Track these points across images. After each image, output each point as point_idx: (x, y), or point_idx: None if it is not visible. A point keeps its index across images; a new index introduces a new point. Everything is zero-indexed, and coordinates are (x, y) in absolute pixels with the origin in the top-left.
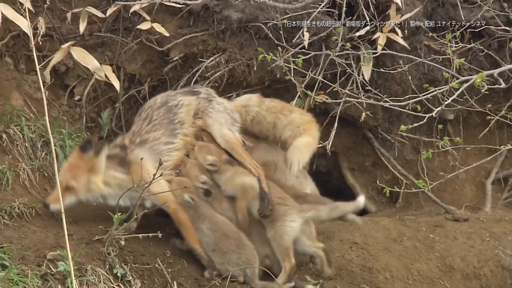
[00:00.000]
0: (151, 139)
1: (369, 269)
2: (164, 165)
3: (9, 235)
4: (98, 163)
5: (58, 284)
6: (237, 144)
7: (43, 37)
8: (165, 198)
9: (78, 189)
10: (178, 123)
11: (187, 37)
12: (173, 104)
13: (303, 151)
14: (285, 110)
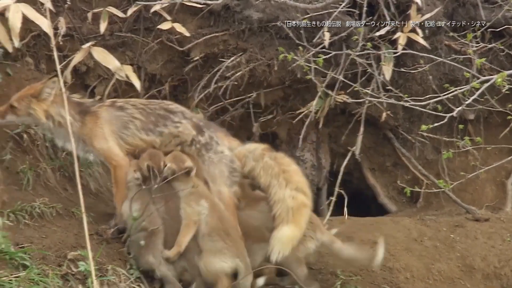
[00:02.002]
0: (129, 112)
1: (390, 269)
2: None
3: (30, 235)
4: (42, 91)
5: (78, 284)
6: (228, 206)
7: (64, 37)
8: (109, 154)
9: (18, 110)
10: (157, 131)
11: (207, 37)
12: (173, 119)
13: (286, 245)
14: (281, 176)
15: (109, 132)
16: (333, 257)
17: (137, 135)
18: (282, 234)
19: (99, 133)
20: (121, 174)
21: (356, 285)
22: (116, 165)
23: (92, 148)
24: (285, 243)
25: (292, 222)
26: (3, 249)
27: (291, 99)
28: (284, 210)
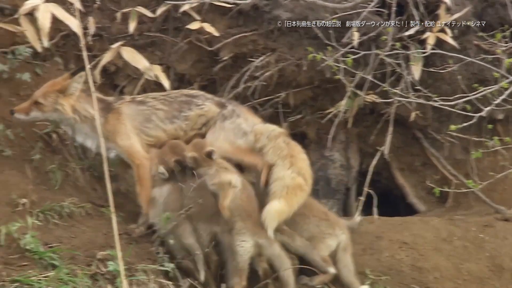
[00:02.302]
0: (150, 105)
1: (419, 269)
2: (145, 132)
3: (59, 235)
4: (70, 86)
5: (107, 284)
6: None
7: (93, 37)
8: (132, 152)
9: (45, 106)
10: (183, 116)
11: (236, 37)
12: (196, 102)
13: (273, 219)
14: (287, 159)
15: (131, 128)
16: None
17: (160, 126)
18: (271, 207)
19: (122, 129)
20: (144, 173)
21: (385, 285)
22: (139, 163)
23: (114, 145)
24: (272, 216)
25: (283, 198)
26: (32, 248)
27: (320, 99)
28: (280, 187)
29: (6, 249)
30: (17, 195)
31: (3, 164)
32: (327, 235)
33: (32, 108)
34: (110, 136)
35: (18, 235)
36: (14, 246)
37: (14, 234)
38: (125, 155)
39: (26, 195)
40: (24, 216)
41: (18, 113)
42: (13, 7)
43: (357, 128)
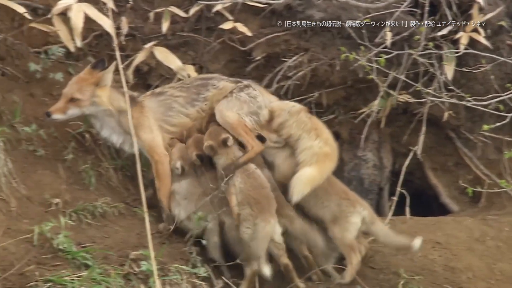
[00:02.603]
0: (168, 94)
1: (452, 268)
2: (168, 122)
3: (92, 235)
4: (104, 77)
5: (140, 284)
6: (237, 124)
7: (126, 36)
8: (153, 146)
9: (82, 101)
10: (202, 98)
11: (269, 36)
12: (212, 83)
13: (304, 185)
14: (313, 132)
15: (154, 122)
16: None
17: (182, 111)
18: (303, 174)
19: (145, 123)
20: (162, 169)
21: (419, 285)
22: (157, 159)
23: (137, 139)
24: (304, 184)
25: (314, 165)
26: (65, 248)
27: (353, 99)
28: (309, 155)
29: (39, 249)
30: (50, 195)
31: (36, 164)
32: (349, 213)
33: (69, 106)
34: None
35: (51, 235)
36: (47, 246)
37: (47, 234)
38: (146, 149)
39: (59, 195)
40: (57, 216)
41: (55, 114)
42: (46, 7)
43: (390, 128)
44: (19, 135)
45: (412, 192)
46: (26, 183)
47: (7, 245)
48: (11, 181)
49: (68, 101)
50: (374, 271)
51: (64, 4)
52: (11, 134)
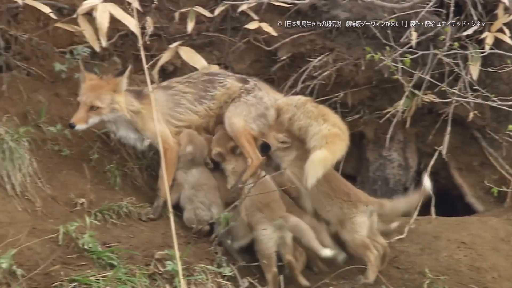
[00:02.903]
0: (177, 89)
1: (477, 268)
2: (176, 117)
3: (117, 235)
4: (121, 83)
5: (166, 284)
6: (242, 133)
7: (151, 36)
8: (163, 137)
9: (102, 109)
10: (210, 96)
11: (294, 36)
12: (219, 80)
13: (317, 167)
14: (320, 117)
15: (161, 115)
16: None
17: (191, 109)
18: (314, 156)
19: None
20: (171, 157)
21: (444, 285)
22: (167, 147)
23: (146, 131)
24: (316, 166)
25: (324, 147)
26: (90, 248)
27: (378, 99)
28: (319, 139)
29: (65, 249)
30: (75, 195)
31: (62, 164)
32: (353, 215)
33: (90, 115)
34: (142, 123)
35: (77, 234)
36: (72, 246)
37: (72, 234)
38: (157, 139)
39: (84, 194)
40: (82, 216)
41: (79, 124)
42: (71, 7)
43: (415, 128)
44: (45, 135)
45: (437, 192)
46: (51, 183)
47: (32, 245)
48: (36, 181)
49: (88, 110)
50: (399, 271)
51: (89, 4)
52: (36, 134)
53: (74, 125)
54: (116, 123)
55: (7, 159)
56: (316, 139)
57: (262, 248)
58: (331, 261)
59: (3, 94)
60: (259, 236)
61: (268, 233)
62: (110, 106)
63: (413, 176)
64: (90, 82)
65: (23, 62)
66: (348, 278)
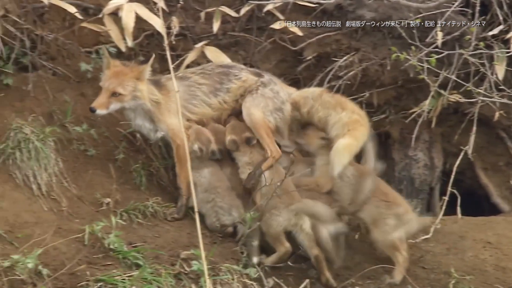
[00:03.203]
0: (192, 80)
1: (503, 268)
2: (190, 110)
3: (143, 234)
4: (145, 71)
5: (191, 283)
6: (261, 125)
7: (177, 36)
8: (177, 131)
9: (124, 96)
10: (225, 89)
11: (320, 36)
12: (234, 73)
13: (343, 154)
14: (338, 106)
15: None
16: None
17: (206, 101)
18: (338, 144)
19: (171, 107)
20: (184, 154)
21: (469, 284)
22: (180, 144)
23: (162, 123)
24: (342, 153)
25: (347, 134)
26: (116, 248)
27: (403, 99)
28: (340, 127)
29: (90, 249)
30: (101, 195)
31: (88, 164)
32: (386, 216)
33: (111, 101)
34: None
35: (102, 234)
36: (98, 246)
37: (98, 234)
38: (170, 133)
39: (110, 194)
40: (108, 216)
41: (100, 109)
42: (97, 6)
43: (440, 128)
44: (70, 134)
45: (463, 192)
46: (77, 183)
47: (58, 245)
48: (62, 181)
49: (110, 96)
50: (425, 271)
51: (115, 4)
52: (62, 134)
53: (94, 109)
54: (135, 111)
55: (33, 159)
56: (337, 127)
57: (269, 230)
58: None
59: (29, 94)
60: (270, 220)
61: (280, 219)
62: (132, 94)
63: (438, 176)
64: (114, 69)
65: (49, 62)
66: (374, 278)
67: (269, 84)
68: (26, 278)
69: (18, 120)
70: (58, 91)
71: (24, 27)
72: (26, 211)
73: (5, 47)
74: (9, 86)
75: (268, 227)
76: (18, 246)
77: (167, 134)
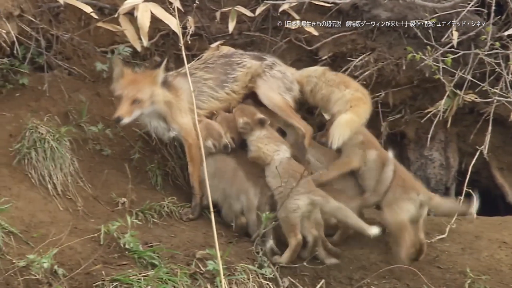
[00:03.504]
0: (198, 76)
1: None
2: (198, 105)
3: (159, 234)
4: (158, 76)
5: (207, 283)
6: (285, 105)
7: (192, 36)
8: (189, 130)
9: (144, 102)
10: (231, 78)
11: (335, 36)
12: (236, 61)
13: (344, 128)
14: (341, 84)
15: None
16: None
17: (213, 95)
18: (340, 119)
19: (182, 106)
20: (197, 153)
21: (485, 284)
22: (192, 143)
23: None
24: (343, 127)
25: (349, 110)
26: (132, 248)
27: (419, 99)
28: (343, 103)
29: (106, 248)
30: (117, 194)
31: (103, 164)
32: (402, 200)
33: (133, 108)
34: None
35: (118, 234)
36: (113, 245)
37: (113, 233)
38: (183, 132)
39: (125, 194)
40: (123, 216)
41: (126, 117)
42: (112, 6)
43: (456, 128)
44: (86, 134)
45: (479, 191)
46: (92, 183)
47: (74, 244)
48: (77, 180)
49: (131, 103)
50: (441, 271)
51: (130, 4)
52: (77, 134)
53: (121, 118)
54: (150, 115)
55: (48, 158)
56: (339, 104)
57: (287, 216)
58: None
59: (44, 93)
60: (289, 204)
61: (299, 203)
62: (150, 99)
63: (454, 175)
64: (128, 77)
65: (64, 62)
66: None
67: (274, 66)
68: (42, 277)
69: (33, 120)
70: (74, 91)
71: (40, 26)
72: (41, 210)
73: (21, 47)
74: (25, 86)
75: (286, 212)
76: (33, 246)
77: (180, 133)
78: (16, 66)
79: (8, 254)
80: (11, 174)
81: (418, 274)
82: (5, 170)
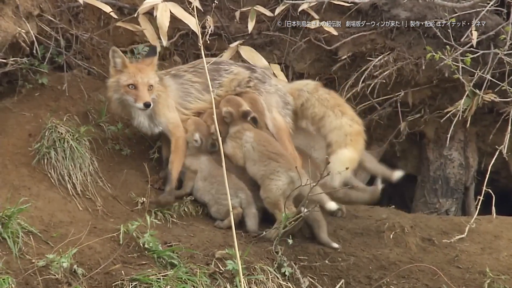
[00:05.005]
0: (186, 78)
1: None
2: (185, 106)
3: (178, 234)
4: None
5: (226, 283)
6: (283, 131)
7: (211, 36)
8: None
9: (154, 88)
10: (217, 84)
11: (355, 36)
12: (224, 68)
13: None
14: (336, 108)
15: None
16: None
17: (199, 97)
18: (343, 156)
19: (169, 102)
20: (183, 145)
21: (505, 284)
22: (179, 136)
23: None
24: (345, 164)
25: (350, 145)
26: (151, 247)
27: (438, 98)
28: (342, 135)
29: (125, 248)
30: (136, 194)
31: (122, 163)
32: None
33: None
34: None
35: (137, 234)
36: (133, 245)
37: (133, 233)
38: (170, 127)
39: (145, 194)
40: (143, 215)
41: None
42: (132, 6)
43: (475, 127)
44: (105, 134)
45: (498, 191)
46: (112, 182)
47: (93, 244)
48: (97, 180)
49: (148, 89)
50: (460, 271)
51: (150, 3)
52: (97, 133)
53: (149, 103)
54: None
55: (68, 158)
56: (338, 134)
57: (269, 196)
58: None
59: (64, 93)
60: (271, 185)
61: (280, 183)
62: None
63: (473, 175)
64: (134, 65)
65: (84, 61)
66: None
67: (264, 79)
68: (61, 277)
69: (53, 120)
70: (93, 91)
71: (59, 26)
72: (61, 210)
73: (40, 47)
74: (44, 86)
75: (267, 192)
76: (53, 245)
77: (166, 127)
78: (35, 65)
79: (27, 253)
80: (30, 174)
81: (437, 274)
82: (24, 169)
